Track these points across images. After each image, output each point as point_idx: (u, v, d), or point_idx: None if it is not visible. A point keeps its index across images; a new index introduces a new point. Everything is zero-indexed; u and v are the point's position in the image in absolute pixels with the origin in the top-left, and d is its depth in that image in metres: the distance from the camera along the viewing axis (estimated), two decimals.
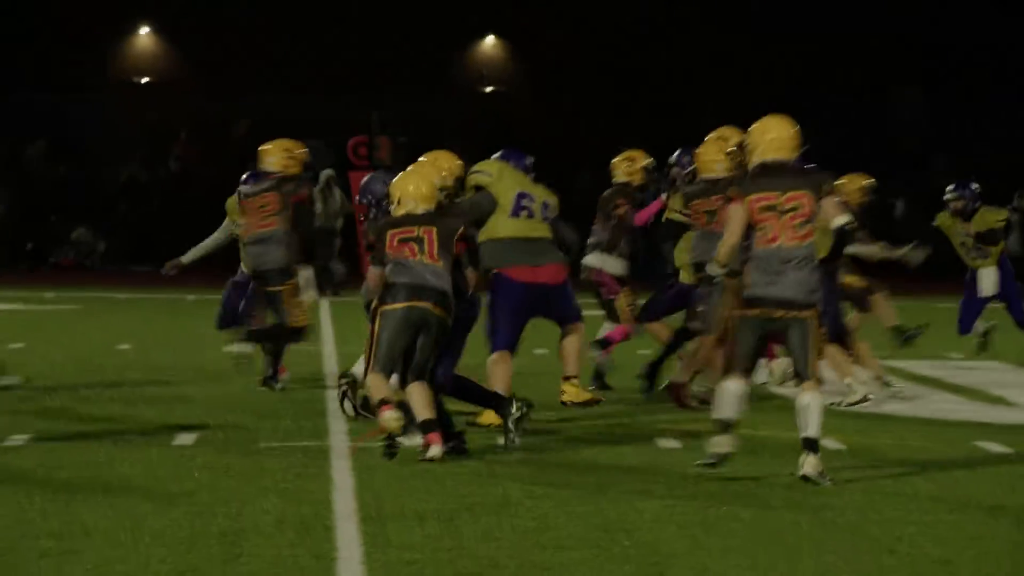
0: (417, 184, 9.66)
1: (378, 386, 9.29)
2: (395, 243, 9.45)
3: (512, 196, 11.08)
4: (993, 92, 40.52)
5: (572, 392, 11.14)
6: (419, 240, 9.44)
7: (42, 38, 42.39)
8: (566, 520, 7.43)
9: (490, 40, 46.42)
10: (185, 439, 9.97)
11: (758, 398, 12.36)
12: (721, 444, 8.62)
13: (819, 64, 41.37)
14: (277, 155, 12.69)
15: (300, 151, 12.81)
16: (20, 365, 13.18)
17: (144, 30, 45.99)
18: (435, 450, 9.12)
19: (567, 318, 11.27)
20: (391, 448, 9.22)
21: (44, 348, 12.25)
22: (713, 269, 9.21)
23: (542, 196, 11.22)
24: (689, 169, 12.11)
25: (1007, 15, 40.40)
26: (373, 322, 9.41)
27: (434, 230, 9.47)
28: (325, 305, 20.80)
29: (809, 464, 8.42)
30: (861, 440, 8.90)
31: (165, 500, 7.85)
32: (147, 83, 45.58)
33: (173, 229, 12.85)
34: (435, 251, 9.43)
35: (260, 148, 12.83)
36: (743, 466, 9.07)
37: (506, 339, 10.98)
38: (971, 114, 38.90)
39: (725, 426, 8.62)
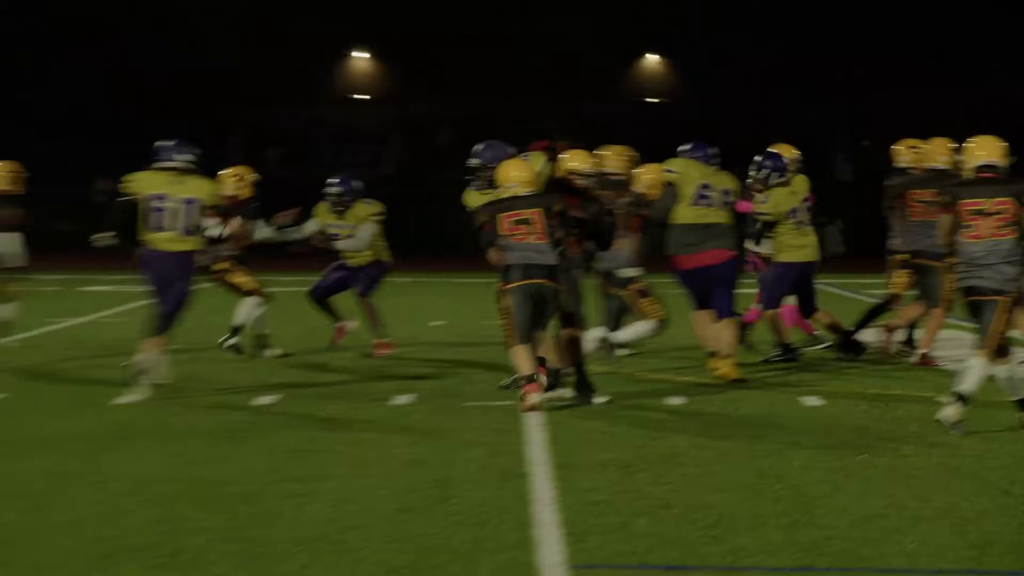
0: (520, 170, 9.84)
1: (523, 358, 9.48)
2: (509, 224, 9.65)
3: (695, 188, 11.26)
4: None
5: (726, 368, 11.02)
6: (527, 221, 9.62)
7: (270, 63, 43.25)
8: (726, 468, 7.49)
9: (653, 56, 46.35)
10: (402, 400, 10.18)
11: (891, 363, 12.28)
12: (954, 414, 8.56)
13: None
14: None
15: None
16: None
17: (359, 54, 46.70)
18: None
19: (722, 310, 11.15)
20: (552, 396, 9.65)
21: (284, 324, 12.56)
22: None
23: (722, 184, 11.34)
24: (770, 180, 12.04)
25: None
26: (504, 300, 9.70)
27: (540, 211, 9.65)
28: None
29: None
30: (982, 395, 8.81)
31: (387, 451, 8.04)
32: (363, 98, 46.31)
33: (389, 223, 13.15)
34: (542, 229, 9.60)
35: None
36: (877, 420, 9.06)
37: (695, 303, 11.34)
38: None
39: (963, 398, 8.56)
